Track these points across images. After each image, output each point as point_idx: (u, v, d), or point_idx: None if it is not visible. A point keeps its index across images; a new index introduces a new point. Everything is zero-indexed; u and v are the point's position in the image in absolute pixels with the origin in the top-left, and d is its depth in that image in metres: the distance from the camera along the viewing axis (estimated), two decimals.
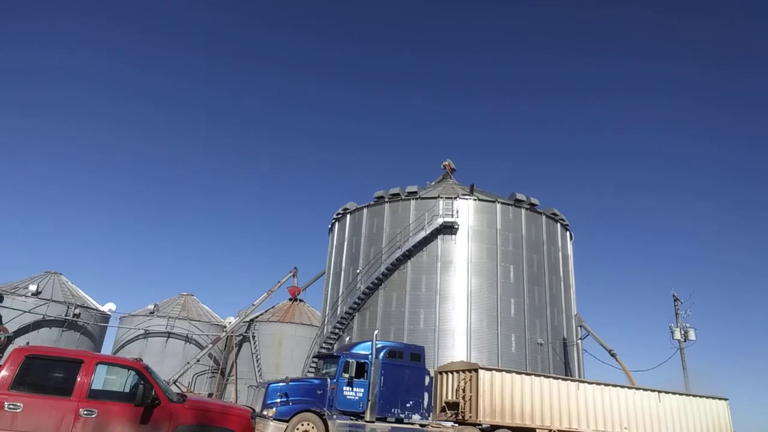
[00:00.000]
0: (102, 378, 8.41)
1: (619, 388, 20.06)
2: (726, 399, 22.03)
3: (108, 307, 39.53)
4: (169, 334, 37.79)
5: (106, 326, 39.50)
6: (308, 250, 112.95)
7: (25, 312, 34.10)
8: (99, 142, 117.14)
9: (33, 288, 35.40)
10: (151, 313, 38.81)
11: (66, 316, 35.52)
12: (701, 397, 21.66)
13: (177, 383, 33.80)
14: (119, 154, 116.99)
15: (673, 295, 28.66)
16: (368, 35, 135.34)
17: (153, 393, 8.10)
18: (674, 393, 21.11)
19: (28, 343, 11.13)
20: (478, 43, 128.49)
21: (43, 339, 33.78)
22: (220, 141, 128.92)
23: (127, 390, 8.37)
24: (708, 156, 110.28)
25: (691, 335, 27.39)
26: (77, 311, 36.18)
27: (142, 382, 8.11)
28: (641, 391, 20.46)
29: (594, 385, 19.60)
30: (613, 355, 28.32)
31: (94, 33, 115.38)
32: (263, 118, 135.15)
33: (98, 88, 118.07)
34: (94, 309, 38.24)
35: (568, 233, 32.26)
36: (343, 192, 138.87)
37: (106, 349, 39.51)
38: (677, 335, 27.42)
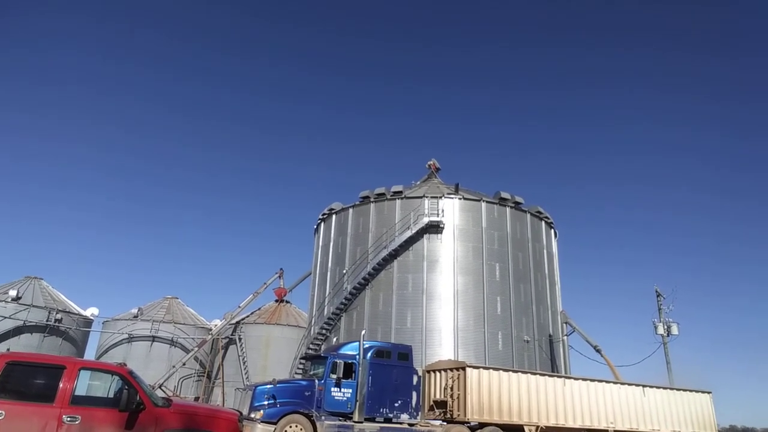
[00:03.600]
0: (85, 384, 8.28)
1: (604, 383, 20.28)
2: (709, 392, 22.38)
3: (90, 311, 38.96)
4: (153, 338, 37.34)
5: (89, 331, 38.93)
6: (294, 251, 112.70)
7: (5, 318, 33.49)
8: (80, 140, 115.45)
9: (13, 293, 34.76)
10: (135, 317, 38.32)
11: (47, 321, 34.93)
12: (685, 390, 21.99)
13: (162, 387, 33.39)
14: (101, 152, 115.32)
15: (656, 291, 28.94)
16: (353, 36, 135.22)
17: (137, 398, 7.99)
18: (658, 387, 21.39)
19: (8, 349, 10.94)
20: (463, 40, 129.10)
21: (25, 345, 33.18)
22: (205, 141, 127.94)
23: (111, 395, 8.24)
24: (692, 148, 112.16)
25: (674, 330, 27.70)
26: (59, 316, 35.60)
27: (126, 387, 8.00)
28: (626, 386, 20.70)
29: (580, 380, 19.79)
30: (598, 351, 28.64)
31: (79, 28, 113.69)
32: (247, 118, 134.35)
33: (82, 84, 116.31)
34: (76, 314, 37.65)
35: (552, 231, 32.57)
36: (328, 192, 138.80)
37: (89, 355, 38.97)
38: (660, 330, 27.73)
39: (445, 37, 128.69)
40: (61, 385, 7.69)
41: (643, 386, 20.84)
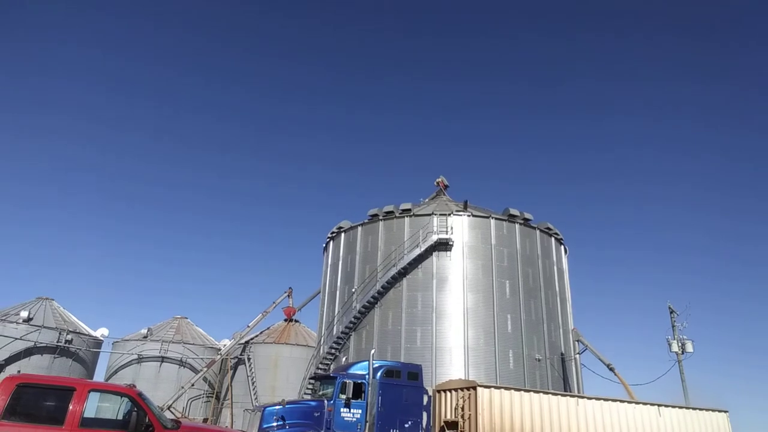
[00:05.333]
0: (94, 405, 8.28)
1: (618, 402, 19.92)
2: (726, 411, 21.92)
3: (100, 332, 39.05)
4: (162, 359, 37.28)
5: (99, 352, 38.96)
6: (303, 270, 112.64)
7: (16, 339, 33.63)
8: (85, 161, 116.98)
9: (24, 314, 34.96)
10: (145, 337, 38.33)
11: (58, 342, 35.03)
12: (701, 409, 21.54)
13: (171, 409, 33.23)
14: (107, 175, 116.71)
15: (669, 307, 28.59)
16: (360, 51, 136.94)
17: (146, 420, 7.97)
18: (674, 406, 20.98)
19: (19, 371, 10.98)
20: (470, 58, 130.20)
21: (35, 366, 33.26)
22: (211, 161, 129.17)
23: (120, 417, 8.24)
24: (700, 165, 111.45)
25: (689, 347, 27.28)
26: (69, 337, 35.70)
27: (135, 409, 7.99)
28: (641, 405, 20.32)
29: (593, 400, 19.46)
30: (611, 369, 28.14)
31: (90, 24, 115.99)
32: (256, 136, 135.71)
33: (89, 83, 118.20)
34: (86, 334, 37.75)
35: (562, 247, 32.31)
36: (337, 210, 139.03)
37: (99, 375, 38.95)
38: (674, 348, 27.31)
39: (453, 49, 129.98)
40: (70, 408, 7.70)
41: (659, 405, 20.46)
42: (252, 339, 39.46)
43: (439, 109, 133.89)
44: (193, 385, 35.64)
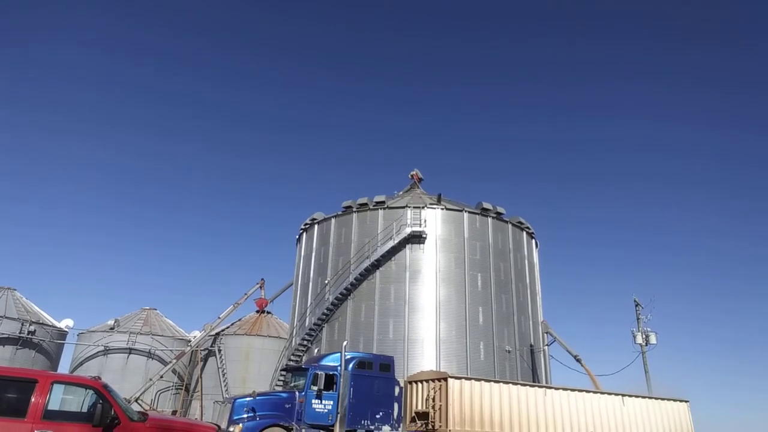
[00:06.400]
0: (58, 398, 8.09)
1: (584, 393, 20.45)
2: (687, 401, 22.71)
3: (65, 323, 38.07)
4: (130, 351, 36.58)
5: (63, 343, 38.00)
6: (276, 262, 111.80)
7: None
8: (51, 150, 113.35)
9: None
10: (111, 328, 37.53)
11: (20, 333, 34.05)
12: (663, 399, 22.27)
13: (139, 401, 32.69)
14: (73, 164, 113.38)
15: (635, 301, 29.42)
16: (335, 48, 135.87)
17: (112, 412, 7.83)
18: (637, 396, 21.64)
19: None
20: (445, 56, 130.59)
21: None
22: (182, 153, 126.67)
23: (84, 410, 8.06)
24: (669, 164, 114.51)
25: (653, 339, 28.14)
26: (32, 328, 34.72)
27: (101, 401, 7.83)
28: (606, 395, 20.90)
29: (561, 390, 19.93)
30: (578, 361, 28.86)
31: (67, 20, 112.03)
32: (227, 129, 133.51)
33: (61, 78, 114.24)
34: (50, 326, 36.76)
35: (533, 241, 32.85)
36: (310, 202, 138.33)
37: (64, 368, 37.97)
38: (639, 339, 28.14)
39: (430, 39, 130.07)
40: (33, 400, 7.52)
41: (623, 395, 21.07)
42: (223, 330, 39.05)
43: (414, 104, 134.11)
44: (161, 377, 35.10)
